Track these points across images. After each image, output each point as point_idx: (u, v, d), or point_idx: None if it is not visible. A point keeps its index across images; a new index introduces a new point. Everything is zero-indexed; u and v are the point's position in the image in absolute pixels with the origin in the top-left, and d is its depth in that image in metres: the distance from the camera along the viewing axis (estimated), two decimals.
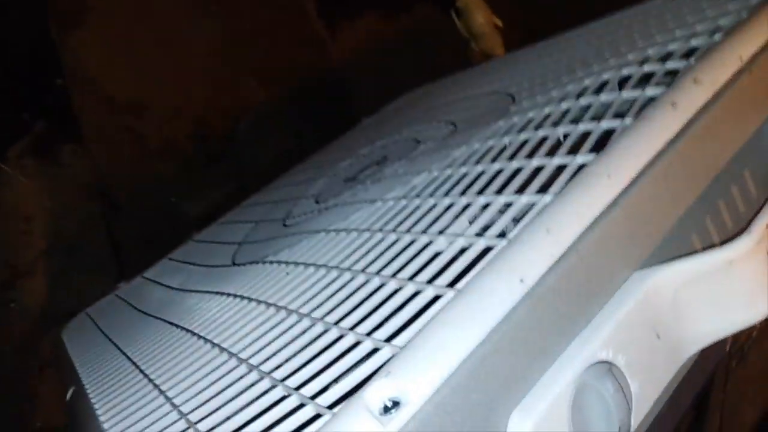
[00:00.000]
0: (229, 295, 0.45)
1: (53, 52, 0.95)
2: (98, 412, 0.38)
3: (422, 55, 1.23)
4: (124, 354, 0.49)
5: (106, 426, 0.36)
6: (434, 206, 0.37)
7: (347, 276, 0.35)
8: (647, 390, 0.28)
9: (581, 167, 0.31)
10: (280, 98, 1.13)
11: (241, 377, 0.31)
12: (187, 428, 0.29)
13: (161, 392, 0.35)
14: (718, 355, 0.36)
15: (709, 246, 0.33)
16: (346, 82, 1.21)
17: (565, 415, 0.25)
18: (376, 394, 0.22)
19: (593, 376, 0.26)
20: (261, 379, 0.30)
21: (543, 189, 0.32)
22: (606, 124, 0.35)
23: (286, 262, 0.43)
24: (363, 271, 0.34)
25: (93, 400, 0.41)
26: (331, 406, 0.24)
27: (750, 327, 0.30)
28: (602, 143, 0.33)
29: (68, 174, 0.94)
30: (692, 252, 0.31)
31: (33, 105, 0.95)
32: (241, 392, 0.30)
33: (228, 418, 0.28)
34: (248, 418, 0.27)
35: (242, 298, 0.43)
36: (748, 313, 0.29)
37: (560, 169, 0.33)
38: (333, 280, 0.35)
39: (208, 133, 1.07)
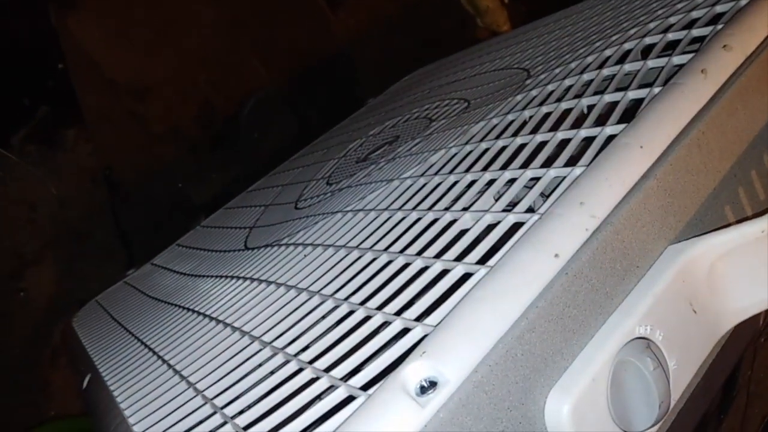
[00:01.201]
0: (245, 278, 0.44)
1: (53, 36, 0.94)
2: (118, 399, 0.38)
3: (426, 32, 1.22)
4: (139, 340, 0.48)
5: (127, 413, 0.35)
6: (455, 183, 0.36)
7: (369, 256, 0.34)
8: (685, 367, 0.27)
9: (610, 138, 0.30)
10: (284, 80, 1.12)
11: (266, 360, 0.30)
12: (213, 413, 0.29)
13: (182, 377, 0.34)
14: (750, 332, 0.35)
15: (742, 218, 0.32)
16: (350, 60, 1.19)
17: (604, 393, 0.24)
18: (412, 374, 0.22)
19: (632, 352, 0.25)
20: (287, 362, 0.29)
21: (571, 162, 0.31)
22: (633, 93, 0.34)
23: (303, 244, 0.42)
24: (385, 250, 0.33)
25: (111, 387, 0.41)
26: (363, 388, 0.24)
27: None
28: (629, 114, 0.32)
29: (73, 160, 0.93)
30: (726, 224, 0.31)
31: (34, 90, 0.93)
32: (267, 375, 0.29)
33: (255, 402, 0.27)
34: (276, 401, 0.27)
35: (259, 281, 0.42)
36: None
37: (587, 141, 0.32)
38: (354, 261, 0.35)
39: (213, 117, 1.05)
